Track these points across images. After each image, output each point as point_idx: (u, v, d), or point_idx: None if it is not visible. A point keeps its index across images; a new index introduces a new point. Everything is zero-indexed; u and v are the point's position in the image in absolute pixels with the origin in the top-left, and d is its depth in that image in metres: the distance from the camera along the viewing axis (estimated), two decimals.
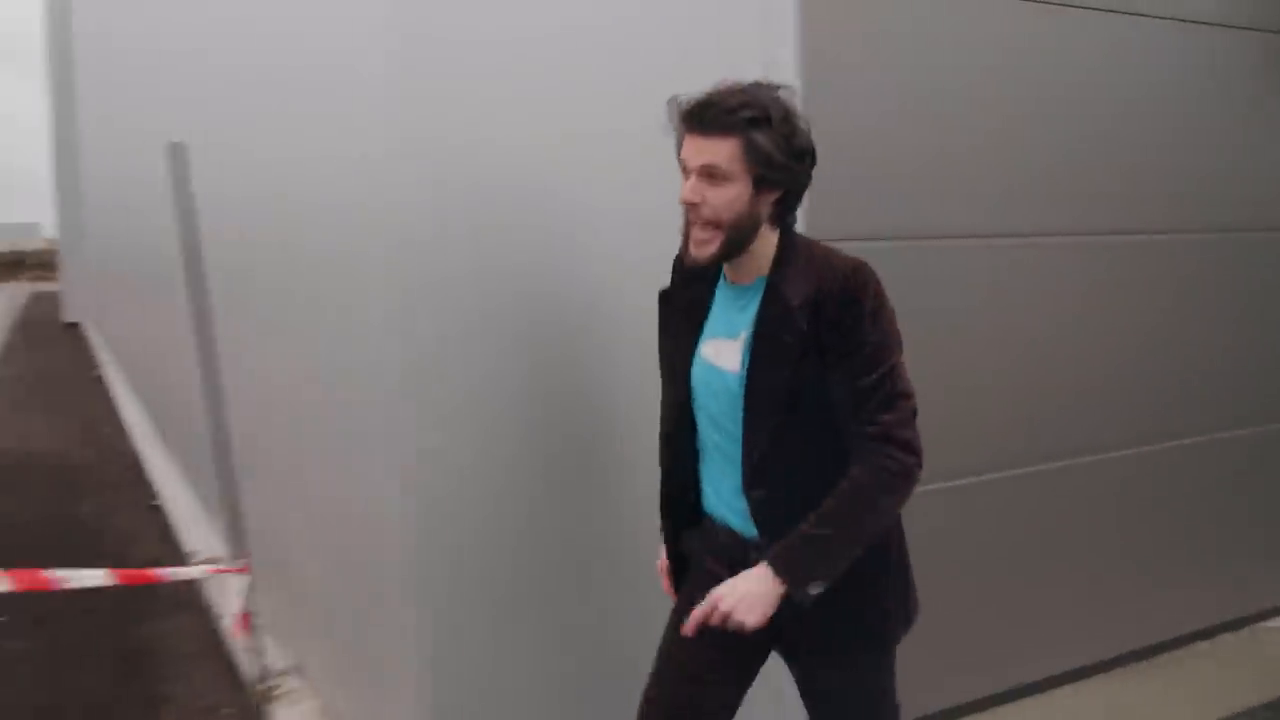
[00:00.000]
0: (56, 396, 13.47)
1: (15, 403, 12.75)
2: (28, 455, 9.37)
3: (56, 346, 20.44)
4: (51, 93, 25.37)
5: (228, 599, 5.04)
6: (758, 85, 2.03)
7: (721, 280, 2.20)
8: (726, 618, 1.98)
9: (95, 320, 21.50)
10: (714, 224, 2.03)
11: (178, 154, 3.74)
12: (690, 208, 2.04)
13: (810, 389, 2.03)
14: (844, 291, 1.99)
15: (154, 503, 7.30)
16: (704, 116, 2.00)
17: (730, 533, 2.22)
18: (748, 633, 2.01)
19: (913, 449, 2.00)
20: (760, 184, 2.02)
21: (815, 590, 2.02)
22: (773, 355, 2.04)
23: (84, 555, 6.12)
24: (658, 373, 2.34)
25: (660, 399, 2.32)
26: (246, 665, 4.35)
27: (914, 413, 2.03)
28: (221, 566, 4.25)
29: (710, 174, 2.01)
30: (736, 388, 2.10)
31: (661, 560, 2.47)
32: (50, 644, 4.92)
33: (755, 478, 2.11)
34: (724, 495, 2.22)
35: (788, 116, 2.02)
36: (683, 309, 2.24)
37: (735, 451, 2.14)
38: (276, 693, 4.05)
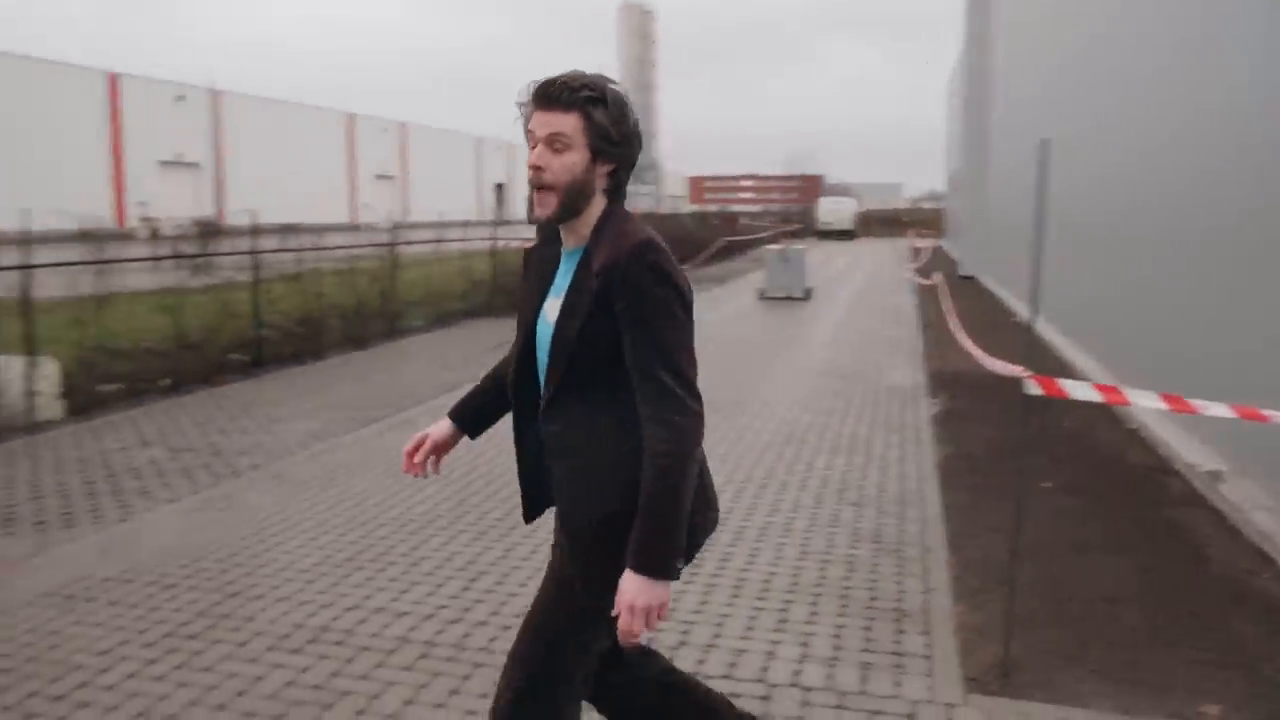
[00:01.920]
0: (994, 338, 15.88)
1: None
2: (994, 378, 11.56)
3: (965, 297, 23.31)
4: (965, 84, 28.48)
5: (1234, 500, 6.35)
6: (597, 75, 2.54)
7: (563, 249, 2.66)
8: (648, 626, 2.44)
9: (995, 275, 24.14)
10: (553, 187, 2.50)
11: (1044, 148, 4.80)
12: (535, 171, 2.51)
13: (596, 342, 2.50)
14: (629, 259, 2.45)
15: (1130, 427, 8.85)
16: (551, 93, 2.49)
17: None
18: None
19: (690, 408, 2.48)
20: (596, 155, 2.52)
21: (682, 564, 2.48)
22: (572, 310, 2.52)
23: (1085, 463, 7.88)
24: None
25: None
26: None
27: (691, 369, 2.52)
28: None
29: (554, 143, 2.49)
30: (549, 333, 2.59)
31: (435, 429, 2.98)
32: (1092, 503, 6.66)
33: (549, 414, 2.60)
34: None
35: (620, 102, 2.53)
36: (536, 271, 2.73)
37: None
38: None
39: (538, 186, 2.51)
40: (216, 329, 11.97)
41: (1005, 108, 23.11)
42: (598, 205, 2.57)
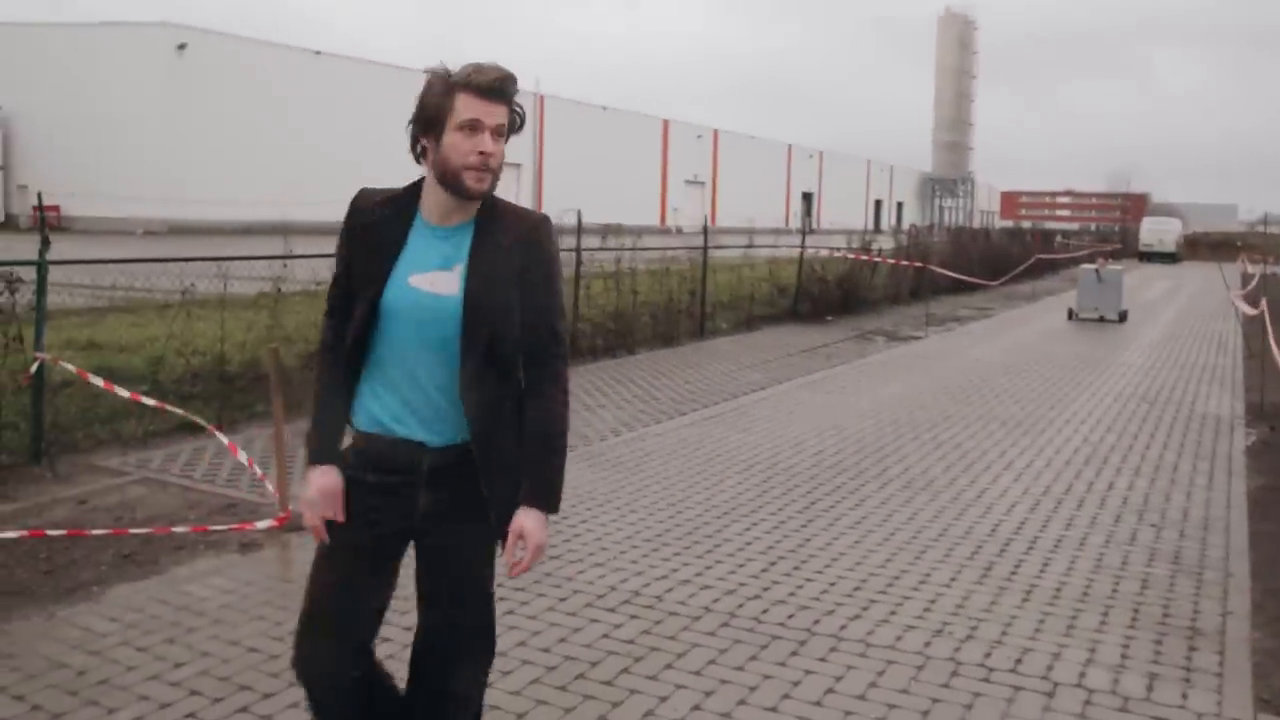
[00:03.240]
0: None
1: None
2: None
3: None
4: None
5: None
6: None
7: (420, 222, 2.81)
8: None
9: None
10: (492, 170, 2.72)
11: None
12: (485, 158, 2.68)
13: (512, 313, 2.76)
14: (539, 231, 2.81)
15: None
16: (500, 87, 2.69)
17: (397, 442, 2.82)
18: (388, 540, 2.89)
19: (567, 360, 2.90)
20: (506, 140, 2.78)
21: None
22: (488, 283, 2.74)
23: None
24: None
25: (329, 319, 2.94)
26: None
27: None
28: None
29: (499, 132, 2.72)
30: (456, 309, 2.73)
31: (329, 481, 2.84)
32: None
33: (472, 382, 2.75)
34: (415, 405, 2.81)
35: None
36: (374, 245, 2.80)
37: (441, 363, 2.76)
38: None
39: (484, 169, 2.71)
40: None
41: None
42: None
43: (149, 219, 42.93)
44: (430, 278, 2.75)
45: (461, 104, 2.67)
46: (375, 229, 2.81)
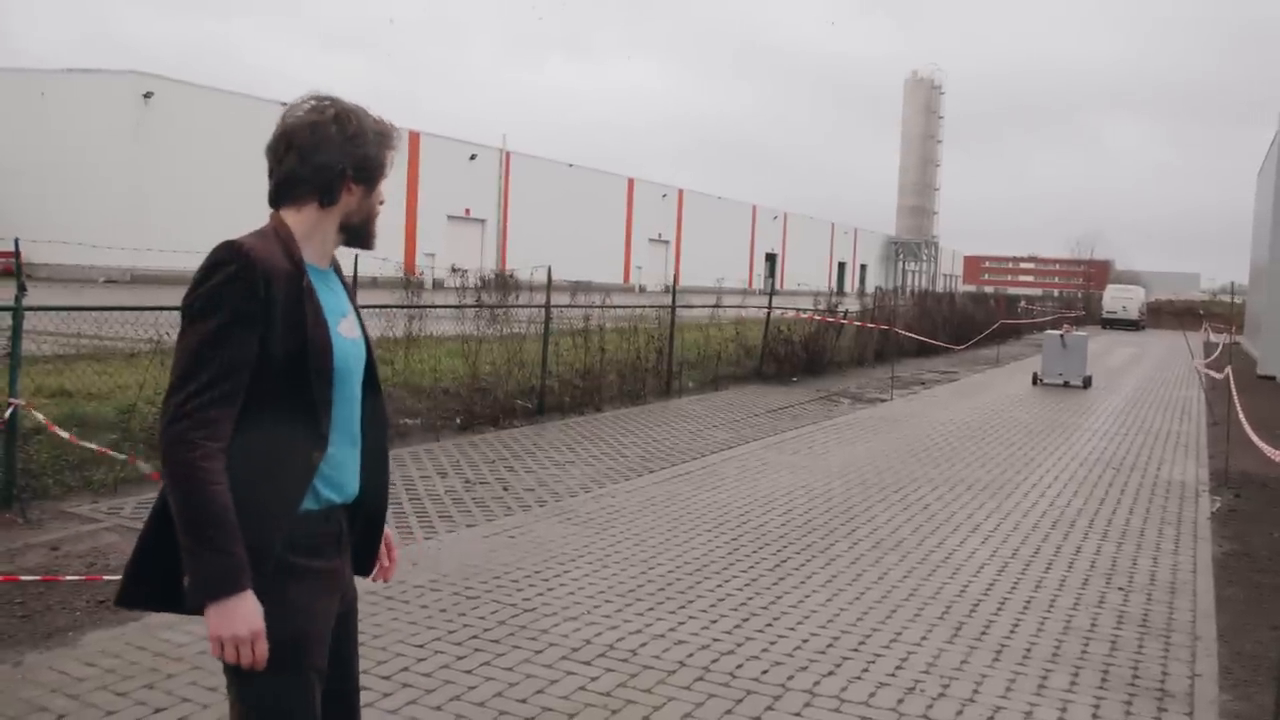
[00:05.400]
0: None
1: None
2: None
3: (1263, 396, 22.18)
4: (1276, 169, 26.93)
5: None
6: None
7: (311, 268, 2.56)
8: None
9: None
10: None
11: None
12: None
13: None
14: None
15: None
16: None
17: (345, 507, 2.67)
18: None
19: None
20: None
21: None
22: (361, 315, 2.72)
23: None
24: None
25: (203, 429, 2.34)
26: None
27: None
28: None
29: None
30: (364, 350, 2.68)
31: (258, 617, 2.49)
32: None
33: (379, 411, 2.74)
34: (358, 462, 2.68)
35: None
36: (304, 305, 2.49)
37: (357, 408, 2.65)
38: None
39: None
40: (505, 376, 13.02)
41: None
42: None
43: (112, 267, 42.71)
44: (346, 324, 2.62)
45: (389, 158, 2.67)
46: (294, 285, 2.48)
